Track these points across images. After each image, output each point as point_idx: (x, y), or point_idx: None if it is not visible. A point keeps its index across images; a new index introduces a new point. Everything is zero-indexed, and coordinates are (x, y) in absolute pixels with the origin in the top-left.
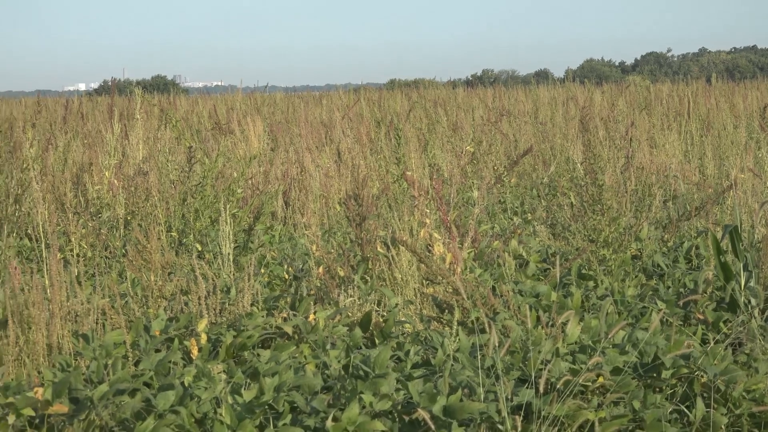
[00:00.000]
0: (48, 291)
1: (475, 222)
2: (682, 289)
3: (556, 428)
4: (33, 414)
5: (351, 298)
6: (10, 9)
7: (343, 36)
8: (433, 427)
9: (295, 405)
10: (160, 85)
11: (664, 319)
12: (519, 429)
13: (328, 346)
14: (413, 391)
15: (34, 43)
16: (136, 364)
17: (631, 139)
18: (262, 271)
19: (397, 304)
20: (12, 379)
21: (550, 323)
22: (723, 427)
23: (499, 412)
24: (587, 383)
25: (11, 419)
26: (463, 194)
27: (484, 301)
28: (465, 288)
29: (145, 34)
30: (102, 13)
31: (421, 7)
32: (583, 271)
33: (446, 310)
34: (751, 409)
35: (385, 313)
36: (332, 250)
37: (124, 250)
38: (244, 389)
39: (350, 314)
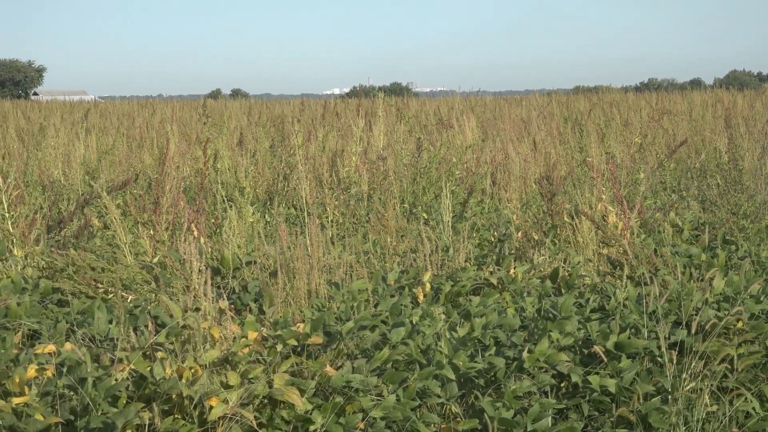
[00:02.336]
0: (308, 249)
1: (641, 198)
2: None
3: (703, 361)
4: (296, 343)
5: (543, 257)
6: (284, 35)
7: (538, 50)
8: (605, 359)
9: (499, 339)
10: (396, 90)
11: None
12: (674, 361)
13: (525, 294)
14: (591, 330)
15: (300, 57)
16: (375, 306)
17: (765, 133)
18: (474, 234)
19: (579, 262)
20: (280, 317)
21: (700, 278)
22: None
23: (658, 347)
24: (729, 326)
25: (279, 347)
26: (632, 176)
27: (647, 260)
28: (632, 249)
29: (386, 49)
30: (355, 32)
31: (601, 25)
32: (727, 237)
33: (617, 267)
34: None
35: (569, 269)
36: (528, 219)
37: (367, 218)
38: (459, 327)
39: (542, 269)
